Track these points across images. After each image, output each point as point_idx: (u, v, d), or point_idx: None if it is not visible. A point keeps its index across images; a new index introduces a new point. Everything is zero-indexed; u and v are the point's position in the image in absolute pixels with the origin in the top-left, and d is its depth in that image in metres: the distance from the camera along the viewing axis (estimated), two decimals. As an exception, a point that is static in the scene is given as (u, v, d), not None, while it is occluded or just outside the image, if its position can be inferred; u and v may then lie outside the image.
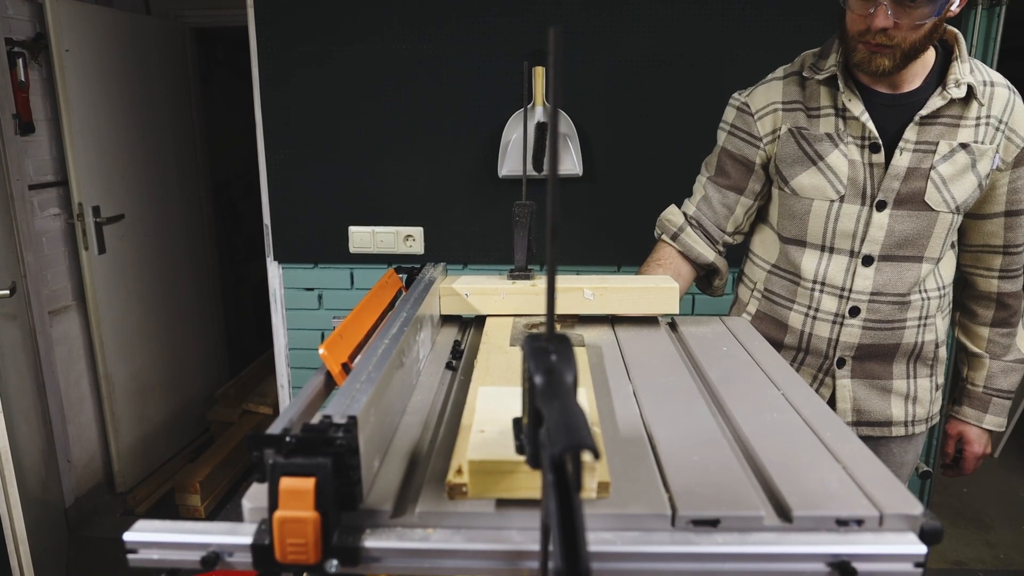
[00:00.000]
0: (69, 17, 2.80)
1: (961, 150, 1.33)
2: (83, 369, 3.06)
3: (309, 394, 0.84)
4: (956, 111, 1.34)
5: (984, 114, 1.33)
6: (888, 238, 1.38)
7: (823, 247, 1.43)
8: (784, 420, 0.91)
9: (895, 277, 1.40)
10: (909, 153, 1.34)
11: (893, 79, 1.35)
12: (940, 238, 1.38)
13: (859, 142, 1.36)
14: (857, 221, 1.39)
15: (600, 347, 1.20)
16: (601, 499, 0.71)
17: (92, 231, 2.96)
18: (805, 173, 1.41)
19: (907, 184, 1.35)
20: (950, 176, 1.34)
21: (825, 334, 1.46)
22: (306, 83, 2.52)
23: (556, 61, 0.53)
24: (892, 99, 1.36)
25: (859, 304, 1.42)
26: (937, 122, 1.34)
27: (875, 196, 1.37)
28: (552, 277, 0.58)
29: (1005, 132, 1.34)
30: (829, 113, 1.38)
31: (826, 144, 1.38)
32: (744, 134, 1.48)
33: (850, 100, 1.35)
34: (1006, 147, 1.35)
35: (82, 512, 3.01)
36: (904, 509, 0.69)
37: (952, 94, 1.31)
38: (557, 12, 2.41)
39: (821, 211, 1.41)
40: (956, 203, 1.35)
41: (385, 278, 1.23)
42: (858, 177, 1.37)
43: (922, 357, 1.49)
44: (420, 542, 0.67)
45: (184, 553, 0.68)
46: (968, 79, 1.31)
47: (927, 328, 1.46)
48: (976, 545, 2.84)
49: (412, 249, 2.65)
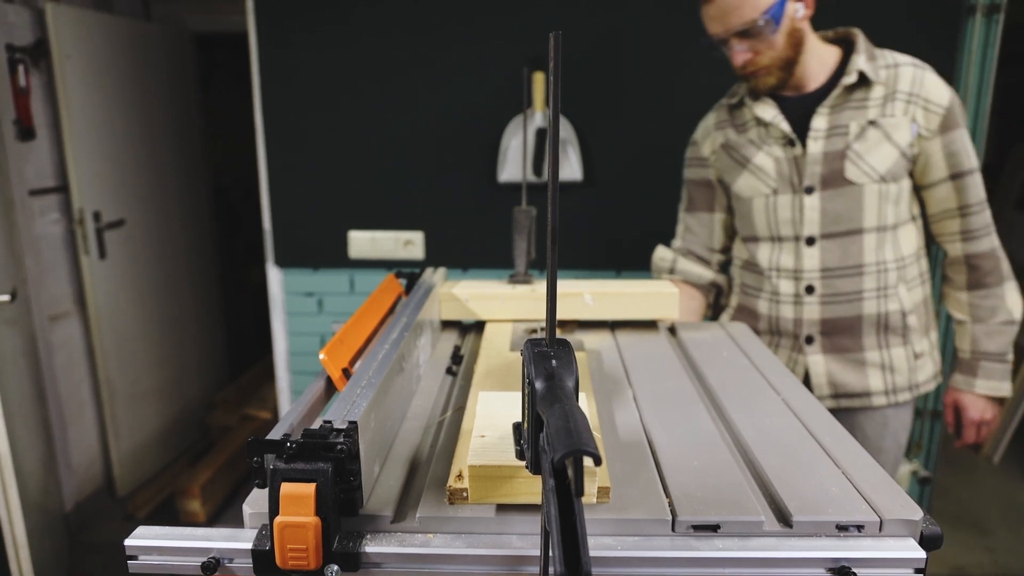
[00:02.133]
0: (70, 23, 2.80)
1: (870, 127, 1.47)
2: (83, 374, 3.06)
3: (309, 399, 0.85)
4: (861, 94, 1.49)
5: (891, 91, 1.48)
6: (823, 217, 1.52)
7: (772, 237, 1.60)
8: (784, 425, 0.91)
9: (839, 252, 1.53)
10: (822, 140, 1.50)
11: (796, 84, 1.53)
12: (873, 207, 1.50)
13: (780, 141, 1.55)
14: (792, 208, 1.55)
15: (600, 352, 1.20)
16: (601, 504, 0.71)
17: (92, 236, 2.96)
18: (740, 177, 1.61)
19: (827, 166, 1.50)
20: (865, 151, 1.48)
21: (789, 315, 1.60)
22: (306, 87, 2.53)
23: (556, 66, 0.53)
24: (801, 99, 1.54)
25: (813, 282, 1.56)
26: (846, 107, 1.49)
27: (802, 183, 1.52)
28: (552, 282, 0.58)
29: (919, 103, 1.47)
30: (752, 125, 1.59)
31: (751, 149, 1.58)
32: (696, 161, 1.72)
33: (762, 110, 1.55)
34: (926, 116, 1.47)
35: (82, 517, 3.01)
36: (904, 514, 0.70)
37: (844, 82, 1.48)
38: (557, 17, 2.42)
39: (760, 206, 1.59)
40: (879, 173, 1.48)
41: (385, 283, 1.23)
42: (784, 171, 1.54)
43: (891, 327, 1.56)
44: (421, 547, 0.67)
45: (184, 558, 0.68)
46: (862, 67, 1.47)
47: (888, 298, 1.54)
48: (976, 550, 2.83)
49: (412, 254, 2.65)
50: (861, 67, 1.47)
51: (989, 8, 2.35)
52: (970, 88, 2.42)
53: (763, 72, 1.49)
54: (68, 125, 2.82)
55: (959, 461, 3.55)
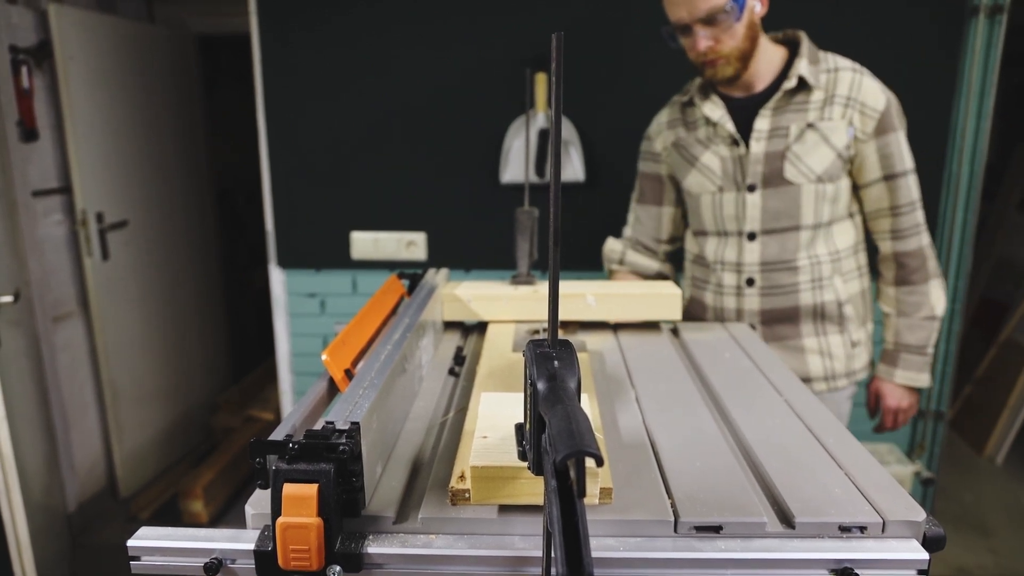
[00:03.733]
0: (73, 25, 2.81)
1: (809, 129, 1.53)
2: (86, 375, 3.06)
3: (312, 400, 0.85)
4: (801, 98, 1.54)
5: (829, 95, 1.53)
6: (764, 214, 1.59)
7: (718, 232, 1.67)
8: (787, 426, 0.91)
9: (778, 247, 1.60)
10: (764, 140, 1.56)
11: (745, 83, 1.58)
12: (810, 206, 1.56)
13: (726, 140, 1.61)
14: (736, 205, 1.61)
15: (602, 353, 1.20)
16: (604, 505, 0.71)
17: (95, 238, 2.97)
18: (689, 175, 1.67)
19: (768, 166, 1.56)
20: (803, 152, 1.53)
21: (732, 305, 1.68)
22: (308, 88, 2.53)
23: (558, 67, 0.54)
24: (748, 100, 1.59)
25: (752, 275, 1.63)
26: (786, 110, 1.55)
27: (745, 181, 1.59)
28: (555, 283, 0.58)
29: (856, 107, 1.52)
30: (702, 124, 1.65)
31: (699, 148, 1.65)
32: (649, 155, 1.78)
33: (711, 110, 1.60)
34: (862, 119, 1.52)
35: (85, 518, 3.01)
36: (907, 515, 0.69)
37: (785, 86, 1.53)
38: (559, 17, 2.42)
39: (708, 202, 1.66)
40: (816, 173, 1.54)
41: (388, 284, 1.23)
42: (728, 169, 1.61)
43: (827, 316, 1.63)
44: (423, 548, 0.67)
45: (187, 559, 0.68)
46: (802, 72, 1.52)
47: (823, 289, 1.61)
48: (979, 551, 2.82)
49: (414, 254, 2.65)
50: (801, 72, 1.52)
51: (992, 9, 2.34)
52: (973, 89, 2.41)
53: (722, 62, 1.52)
54: (71, 126, 2.83)
55: (962, 462, 3.54)
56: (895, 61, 2.37)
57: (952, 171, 2.49)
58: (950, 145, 2.47)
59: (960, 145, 2.47)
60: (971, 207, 2.52)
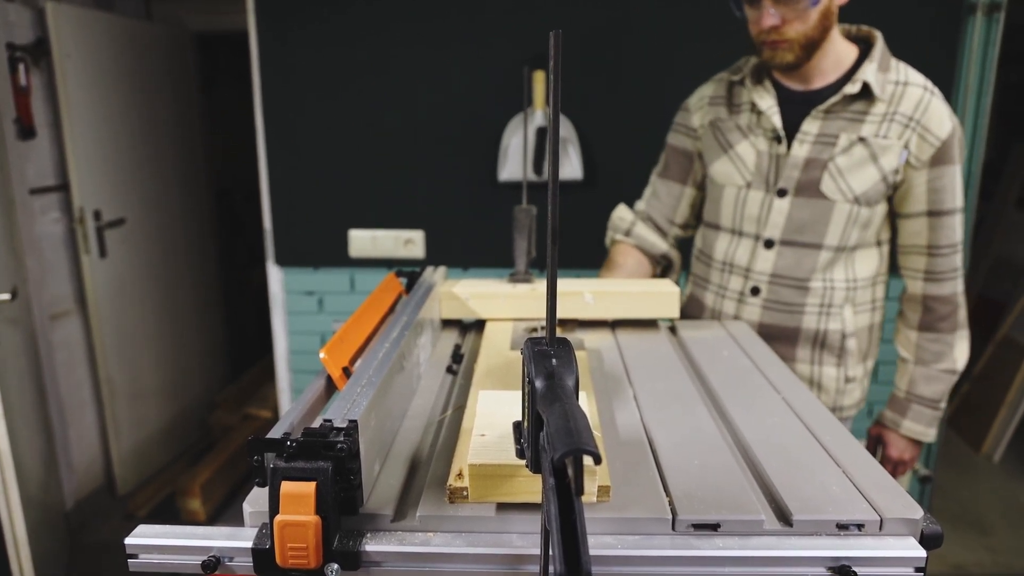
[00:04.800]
0: (70, 22, 2.80)
1: (859, 143, 1.39)
2: (84, 373, 3.06)
3: (310, 398, 0.85)
4: (860, 107, 1.40)
5: (891, 111, 1.39)
6: (788, 223, 1.47)
7: (733, 230, 1.55)
8: (785, 424, 0.91)
9: (794, 261, 1.49)
10: (808, 144, 1.43)
11: (805, 75, 1.44)
12: (839, 226, 1.44)
13: (768, 134, 1.47)
14: (761, 206, 1.49)
15: (600, 351, 1.20)
16: (602, 503, 0.71)
17: (93, 235, 2.96)
18: (719, 161, 1.54)
19: (806, 173, 1.43)
20: (847, 167, 1.40)
21: (731, 312, 1.58)
22: (306, 86, 2.53)
23: (556, 65, 0.53)
24: (803, 95, 1.45)
25: (760, 284, 1.52)
26: (841, 116, 1.41)
27: (777, 184, 1.46)
28: (553, 281, 0.58)
29: (917, 130, 1.38)
30: (746, 109, 1.50)
31: (736, 135, 1.51)
32: (684, 128, 1.63)
33: (761, 97, 1.46)
34: (919, 145, 1.38)
35: (82, 516, 3.01)
36: (904, 513, 0.70)
37: (846, 90, 1.38)
38: (557, 15, 2.42)
39: (731, 196, 1.53)
40: (854, 194, 1.41)
41: (385, 282, 1.23)
42: (763, 166, 1.48)
43: (828, 345, 1.53)
44: (421, 546, 0.67)
45: (185, 557, 0.68)
46: (868, 77, 1.37)
47: (830, 317, 1.51)
48: (976, 549, 2.83)
49: (412, 253, 2.65)
50: (868, 78, 1.37)
51: (989, 7, 2.34)
52: (970, 87, 2.42)
53: (784, 46, 1.36)
54: (68, 124, 2.82)
55: (959, 460, 3.55)
56: (893, 59, 2.37)
57: (950, 169, 2.49)
58: (948, 143, 2.47)
59: (958, 143, 2.47)
60: (969, 205, 2.52)
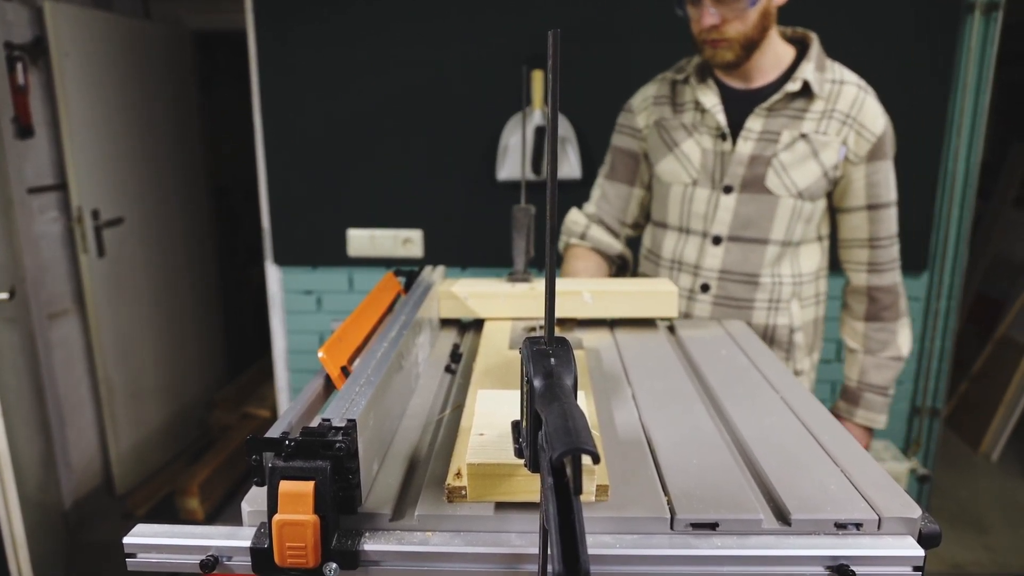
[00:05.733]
0: (68, 21, 2.79)
1: (801, 140, 1.44)
2: (82, 373, 3.06)
3: (308, 397, 0.85)
4: (801, 104, 1.45)
5: (829, 108, 1.44)
6: (734, 219, 1.50)
7: (681, 228, 1.57)
8: (783, 423, 0.91)
9: (741, 257, 1.51)
10: (752, 141, 1.46)
11: (746, 74, 1.47)
12: (784, 221, 1.48)
13: (713, 132, 1.49)
14: (707, 203, 1.51)
15: (599, 350, 1.20)
16: (600, 502, 0.71)
17: (91, 235, 2.96)
18: (665, 160, 1.56)
19: (750, 170, 1.47)
20: (790, 163, 1.45)
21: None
22: (305, 85, 2.53)
23: (555, 64, 0.53)
24: (745, 93, 1.48)
25: (709, 281, 1.55)
26: (783, 114, 1.45)
27: (723, 180, 1.49)
28: (551, 280, 0.58)
29: (854, 127, 1.44)
30: (690, 108, 1.53)
31: (681, 133, 1.53)
32: (629, 129, 1.65)
33: (705, 95, 1.49)
34: (857, 141, 1.44)
35: (81, 515, 3.01)
36: (903, 512, 0.70)
37: (788, 88, 1.43)
38: (556, 15, 2.42)
39: (678, 194, 1.55)
40: (798, 188, 1.46)
41: (384, 281, 1.23)
42: (708, 163, 1.50)
43: (776, 340, 1.56)
44: (419, 545, 0.67)
45: (183, 556, 0.68)
46: (808, 76, 1.42)
47: (779, 312, 1.54)
48: (974, 548, 2.83)
49: (410, 252, 2.65)
50: (807, 76, 1.42)
51: (988, 6, 2.35)
52: (969, 86, 2.42)
53: (724, 45, 1.40)
54: (67, 123, 2.82)
55: (958, 459, 3.55)
56: (891, 59, 2.37)
57: (948, 168, 2.50)
58: (946, 142, 2.48)
59: (956, 142, 2.47)
60: (967, 204, 2.52)
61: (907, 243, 2.55)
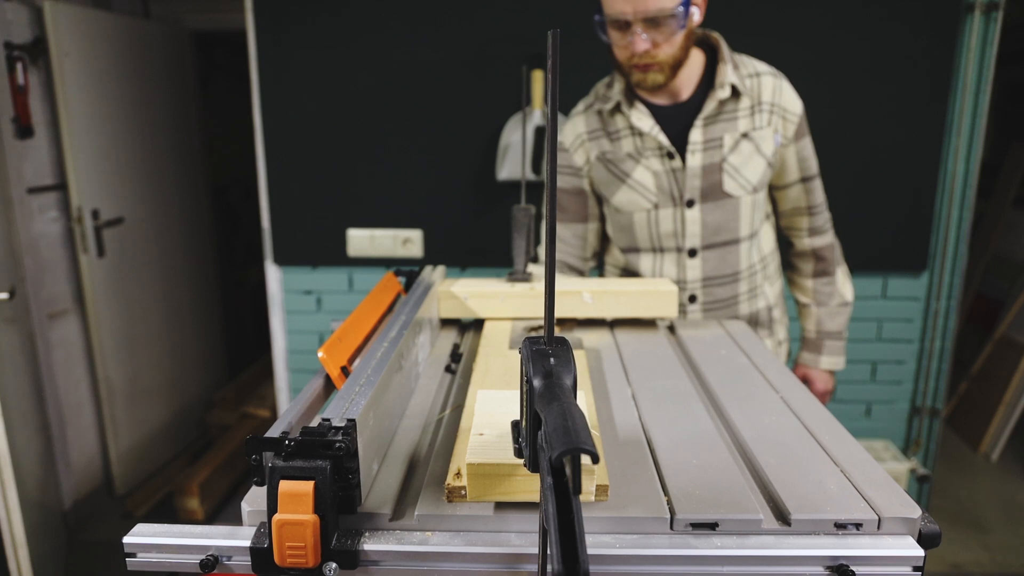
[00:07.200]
0: (68, 21, 2.79)
1: (743, 139, 1.50)
2: (82, 372, 3.06)
3: (308, 397, 0.85)
4: (731, 106, 1.50)
5: (756, 102, 1.50)
6: (704, 230, 1.55)
7: (653, 249, 1.60)
8: (783, 423, 0.91)
9: (719, 262, 1.57)
10: (700, 153, 1.50)
11: (672, 90, 1.51)
12: (747, 217, 1.55)
13: (658, 153, 1.52)
14: (674, 221, 1.55)
15: (599, 350, 1.20)
16: (600, 502, 0.71)
17: (91, 234, 2.96)
18: (620, 192, 1.57)
19: (706, 180, 1.51)
20: (740, 164, 1.51)
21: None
22: (305, 85, 2.53)
23: (554, 64, 0.53)
24: (675, 109, 1.53)
25: (695, 292, 1.60)
26: (718, 120, 1.50)
27: (683, 197, 1.53)
28: (551, 280, 0.58)
29: (780, 113, 1.51)
30: (627, 134, 1.54)
31: (629, 163, 1.54)
32: (568, 169, 1.63)
33: (639, 119, 1.51)
34: (784, 125, 1.52)
35: (81, 515, 3.01)
36: (902, 512, 0.70)
37: (720, 95, 1.47)
38: (555, 15, 2.42)
39: (642, 220, 1.58)
40: (752, 185, 1.52)
41: (384, 281, 1.23)
42: (664, 184, 1.53)
43: (760, 322, 1.66)
44: (419, 545, 0.67)
45: (183, 556, 0.68)
46: (731, 79, 1.47)
47: (757, 297, 1.64)
48: (974, 548, 2.83)
49: (410, 252, 2.65)
50: (732, 80, 1.47)
51: (987, 6, 2.35)
52: (968, 86, 2.42)
53: (655, 68, 1.42)
54: (66, 123, 2.82)
55: (957, 459, 3.55)
56: (891, 59, 2.37)
57: (948, 168, 2.50)
58: (946, 142, 2.48)
59: (956, 142, 2.47)
60: (967, 204, 2.52)
61: (907, 243, 2.56)
